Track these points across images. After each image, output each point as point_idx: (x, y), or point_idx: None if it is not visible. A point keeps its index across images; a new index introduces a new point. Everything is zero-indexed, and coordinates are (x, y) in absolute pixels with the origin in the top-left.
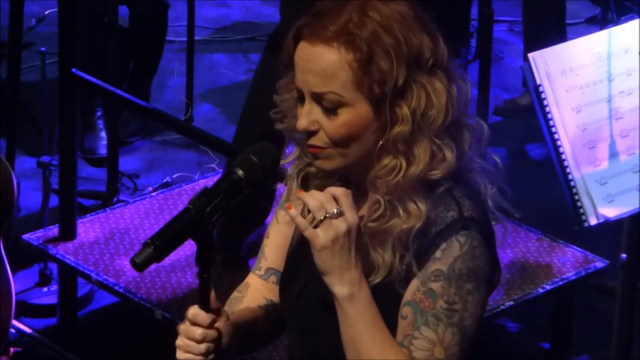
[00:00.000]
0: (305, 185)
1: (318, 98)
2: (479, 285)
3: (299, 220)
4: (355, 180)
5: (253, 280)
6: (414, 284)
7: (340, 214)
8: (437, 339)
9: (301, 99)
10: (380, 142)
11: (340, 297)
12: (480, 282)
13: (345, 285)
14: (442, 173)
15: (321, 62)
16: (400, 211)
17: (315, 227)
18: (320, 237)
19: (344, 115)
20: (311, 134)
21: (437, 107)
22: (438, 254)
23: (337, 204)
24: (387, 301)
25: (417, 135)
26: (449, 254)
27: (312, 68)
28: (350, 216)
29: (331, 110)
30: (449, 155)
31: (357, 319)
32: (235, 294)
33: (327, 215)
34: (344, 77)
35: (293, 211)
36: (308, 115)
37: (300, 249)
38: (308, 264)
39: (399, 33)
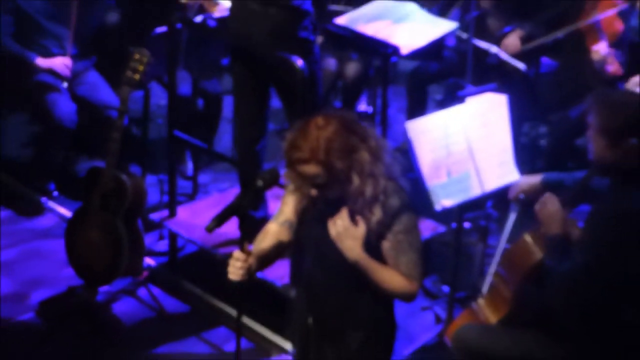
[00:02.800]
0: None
1: (316, 184)
2: (418, 231)
3: (330, 225)
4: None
5: (272, 226)
6: (388, 241)
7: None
8: (409, 259)
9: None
10: (348, 190)
11: (352, 262)
12: (418, 230)
13: (352, 256)
14: (382, 187)
15: (309, 173)
16: (371, 215)
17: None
18: (334, 230)
19: (331, 186)
20: (318, 194)
21: (368, 162)
22: (396, 223)
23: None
24: (376, 254)
25: (364, 182)
26: (402, 222)
27: (305, 177)
28: (343, 218)
29: (324, 186)
30: (382, 179)
31: (369, 271)
32: (260, 235)
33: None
34: (323, 175)
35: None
36: (314, 190)
37: (315, 228)
38: (316, 237)
39: (341, 144)
